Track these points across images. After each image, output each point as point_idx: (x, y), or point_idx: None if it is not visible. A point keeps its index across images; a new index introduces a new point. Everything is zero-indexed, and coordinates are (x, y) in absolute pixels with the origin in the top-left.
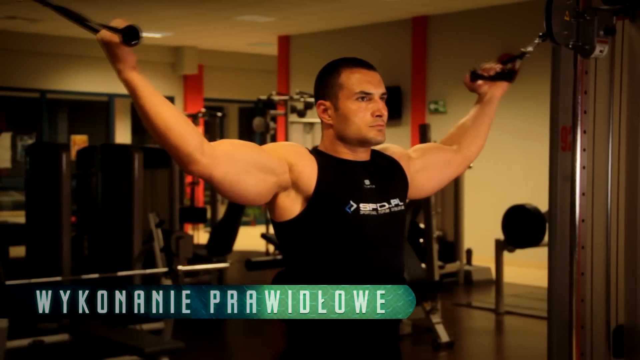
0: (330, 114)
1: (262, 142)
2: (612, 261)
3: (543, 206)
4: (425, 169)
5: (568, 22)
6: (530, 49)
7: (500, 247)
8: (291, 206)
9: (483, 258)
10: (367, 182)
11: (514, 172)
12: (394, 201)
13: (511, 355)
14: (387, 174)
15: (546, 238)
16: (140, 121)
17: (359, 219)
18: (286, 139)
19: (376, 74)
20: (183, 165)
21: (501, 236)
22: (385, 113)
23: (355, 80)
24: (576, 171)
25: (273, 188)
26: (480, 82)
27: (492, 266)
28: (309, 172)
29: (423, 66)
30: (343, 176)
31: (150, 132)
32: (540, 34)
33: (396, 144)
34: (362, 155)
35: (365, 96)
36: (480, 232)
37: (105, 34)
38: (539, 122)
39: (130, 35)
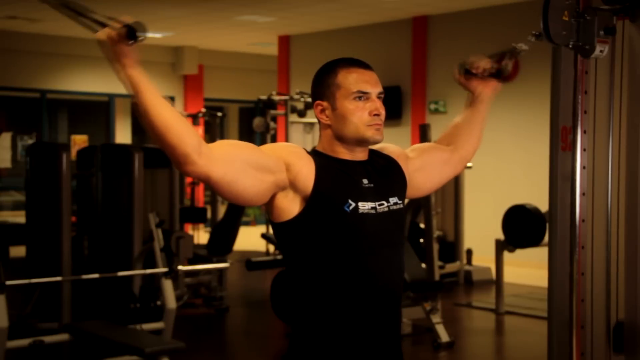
0: (327, 114)
1: (262, 142)
2: (612, 261)
3: (543, 206)
4: (423, 169)
5: (567, 22)
6: (523, 45)
7: (500, 247)
8: (289, 206)
9: (483, 258)
10: (365, 181)
11: (514, 172)
12: (393, 200)
13: (511, 355)
14: (386, 173)
15: (546, 238)
16: (140, 121)
17: (357, 218)
18: (286, 139)
19: (373, 73)
20: (180, 165)
21: (501, 236)
22: (382, 112)
23: (352, 79)
24: (576, 171)
25: (271, 188)
26: (471, 78)
27: (492, 266)
28: (306, 172)
29: (423, 66)
30: (341, 175)
31: (149, 130)
32: (534, 32)
33: (396, 144)
34: (360, 154)
35: (362, 95)
36: (480, 232)
37: (107, 30)
38: (539, 122)
39: (133, 31)
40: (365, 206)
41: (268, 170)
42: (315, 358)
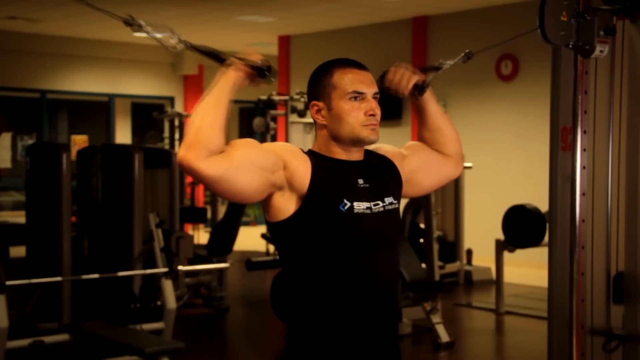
0: (323, 115)
1: (262, 142)
2: (612, 261)
3: (543, 206)
4: (423, 167)
5: (565, 23)
6: (449, 62)
7: (501, 247)
8: (285, 206)
9: (483, 258)
10: (360, 181)
11: (514, 172)
12: (388, 199)
13: (511, 355)
14: (381, 173)
15: (546, 238)
16: (140, 121)
17: (353, 218)
18: (286, 139)
19: (368, 73)
20: (186, 148)
21: (501, 236)
22: (378, 112)
23: (347, 80)
24: (576, 171)
25: (268, 185)
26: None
27: (492, 266)
28: (302, 171)
29: (423, 66)
30: (337, 175)
31: (199, 110)
32: (467, 50)
33: (395, 145)
34: (356, 155)
35: (358, 96)
36: (480, 232)
37: (241, 68)
38: (539, 122)
39: (263, 73)
40: (360, 206)
41: (267, 167)
42: (312, 358)
